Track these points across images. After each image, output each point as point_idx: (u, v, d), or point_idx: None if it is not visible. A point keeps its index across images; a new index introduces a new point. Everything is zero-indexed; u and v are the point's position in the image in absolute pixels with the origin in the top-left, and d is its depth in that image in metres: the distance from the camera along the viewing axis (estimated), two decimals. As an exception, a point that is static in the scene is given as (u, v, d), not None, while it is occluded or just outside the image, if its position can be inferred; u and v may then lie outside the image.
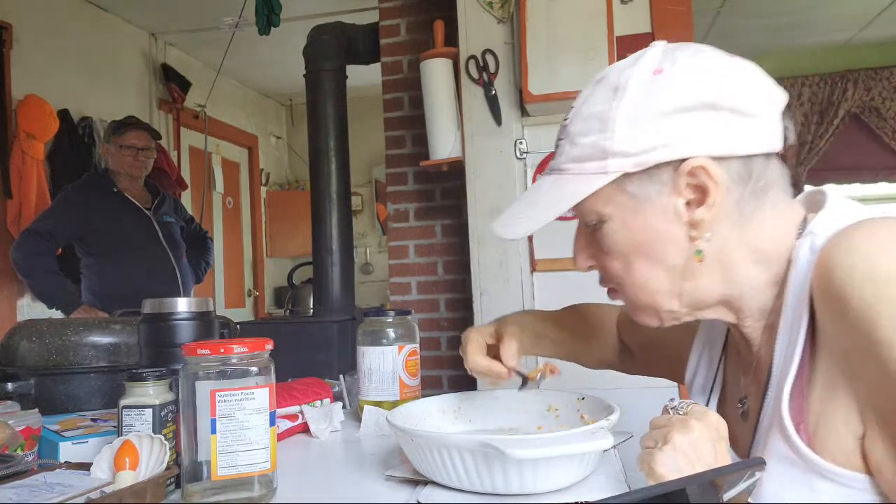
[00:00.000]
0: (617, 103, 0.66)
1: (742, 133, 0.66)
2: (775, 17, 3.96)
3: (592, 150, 0.68)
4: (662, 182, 0.66)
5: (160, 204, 2.91)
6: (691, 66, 0.66)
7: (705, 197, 0.65)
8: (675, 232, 0.67)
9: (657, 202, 0.67)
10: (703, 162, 0.64)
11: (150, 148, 2.84)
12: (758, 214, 0.68)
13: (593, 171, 0.68)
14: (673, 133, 0.65)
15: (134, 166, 2.79)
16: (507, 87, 2.10)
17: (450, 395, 0.98)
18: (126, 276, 2.69)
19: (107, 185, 2.78)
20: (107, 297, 2.67)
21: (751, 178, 0.67)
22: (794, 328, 0.65)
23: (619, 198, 0.68)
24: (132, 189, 2.84)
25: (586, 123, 0.69)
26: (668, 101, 0.65)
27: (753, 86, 0.67)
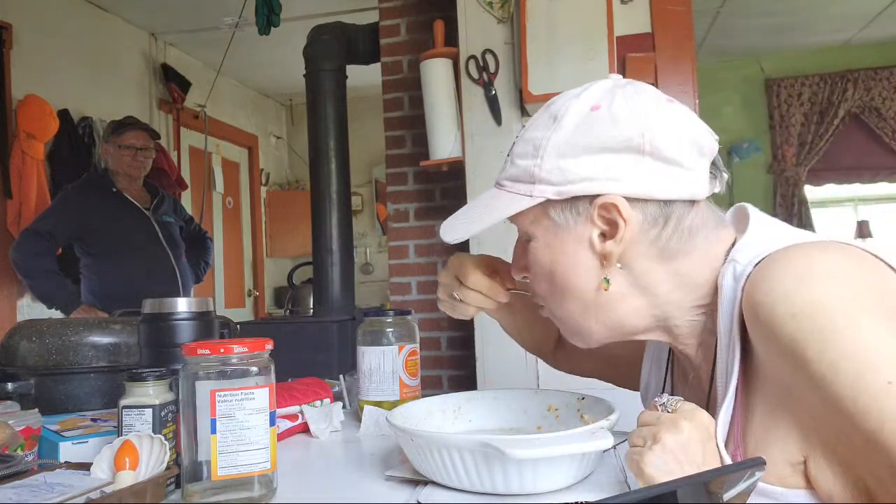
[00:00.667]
0: (551, 133, 0.70)
1: (663, 179, 0.68)
2: (775, 17, 3.96)
3: (523, 173, 0.72)
4: (580, 212, 0.70)
5: (159, 204, 2.91)
6: (626, 108, 0.69)
7: (616, 232, 0.69)
8: (586, 259, 0.71)
9: (574, 230, 0.71)
10: (615, 200, 0.68)
11: (148, 148, 2.84)
12: (689, 251, 0.71)
13: (522, 192, 0.73)
14: (594, 170, 0.68)
15: (133, 166, 2.79)
16: (507, 87, 2.10)
17: (450, 395, 0.98)
18: (126, 276, 2.69)
19: (106, 185, 2.78)
20: (106, 297, 2.67)
21: (668, 221, 0.70)
22: (729, 356, 0.67)
23: (544, 220, 0.73)
24: (131, 189, 2.84)
25: (524, 147, 0.73)
26: (596, 139, 0.68)
27: (683, 136, 0.69)
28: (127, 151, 2.77)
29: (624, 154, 0.68)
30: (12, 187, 2.96)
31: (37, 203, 3.00)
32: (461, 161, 2.17)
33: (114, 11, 3.74)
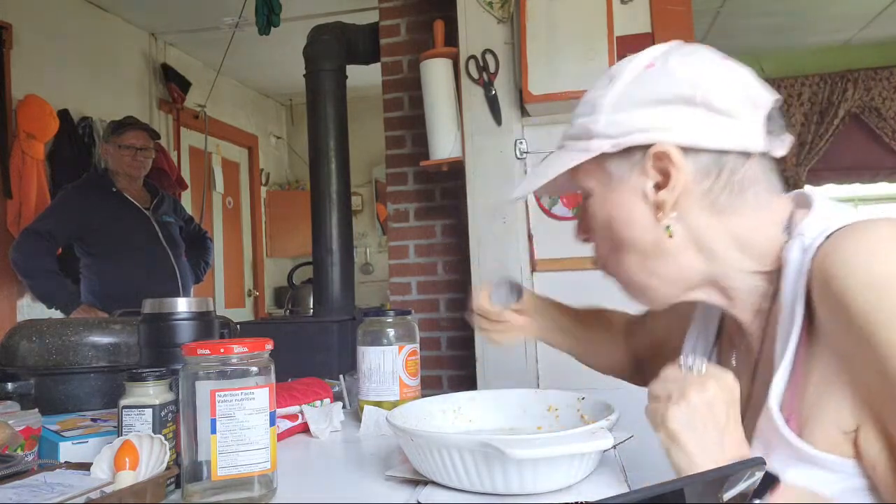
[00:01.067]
0: (606, 91, 0.74)
1: (715, 129, 0.70)
2: (775, 17, 3.96)
3: (581, 130, 0.76)
4: (634, 164, 0.72)
5: (159, 204, 2.91)
6: (680, 64, 0.72)
7: (668, 181, 0.70)
8: (641, 211, 0.73)
9: (628, 182, 0.73)
10: (667, 148, 0.70)
11: (148, 148, 2.84)
12: (737, 207, 0.72)
13: (580, 148, 0.76)
14: (647, 121, 0.71)
15: (133, 166, 2.80)
16: (507, 87, 2.10)
17: (450, 395, 0.98)
18: (126, 276, 2.69)
19: (106, 184, 2.78)
20: (106, 297, 2.67)
21: (721, 172, 0.71)
22: (790, 324, 0.67)
23: (601, 175, 0.75)
24: (131, 189, 2.84)
25: (583, 108, 0.77)
26: (649, 93, 0.71)
27: (736, 88, 0.71)
28: (127, 151, 2.78)
29: (676, 105, 0.70)
30: (12, 187, 2.96)
31: (37, 203, 3.00)
32: (461, 161, 2.17)
33: (114, 11, 3.74)
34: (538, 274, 2.08)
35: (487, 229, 2.09)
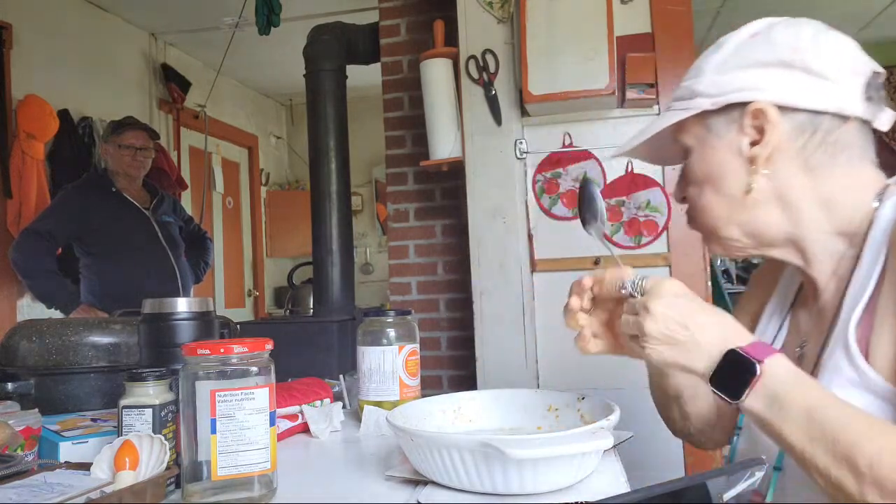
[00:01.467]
0: (712, 56, 0.80)
1: (811, 91, 0.74)
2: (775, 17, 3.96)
3: (685, 91, 0.82)
4: (732, 121, 0.78)
5: (159, 204, 2.91)
6: (782, 33, 0.78)
7: (763, 137, 0.76)
8: (735, 165, 0.78)
9: (726, 138, 0.79)
10: (764, 106, 0.75)
11: (148, 148, 2.85)
12: (829, 168, 0.76)
13: (682, 107, 0.81)
14: (747, 81, 0.76)
15: (132, 166, 2.80)
16: (507, 87, 2.10)
17: (450, 395, 0.98)
18: (125, 276, 2.69)
19: (105, 185, 2.78)
20: (106, 297, 2.67)
21: (816, 132, 0.75)
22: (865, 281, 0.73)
23: (700, 132, 0.81)
24: (131, 189, 2.84)
25: (690, 72, 0.83)
26: (751, 57, 0.77)
27: (836, 53, 0.76)
28: (126, 151, 2.78)
29: (775, 68, 0.76)
30: (12, 187, 2.96)
31: (37, 203, 3.00)
32: (461, 161, 2.17)
33: (114, 11, 3.74)
34: (538, 274, 2.08)
35: (487, 229, 2.09)
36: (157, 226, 2.85)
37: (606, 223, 0.99)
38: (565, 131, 2.07)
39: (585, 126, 2.06)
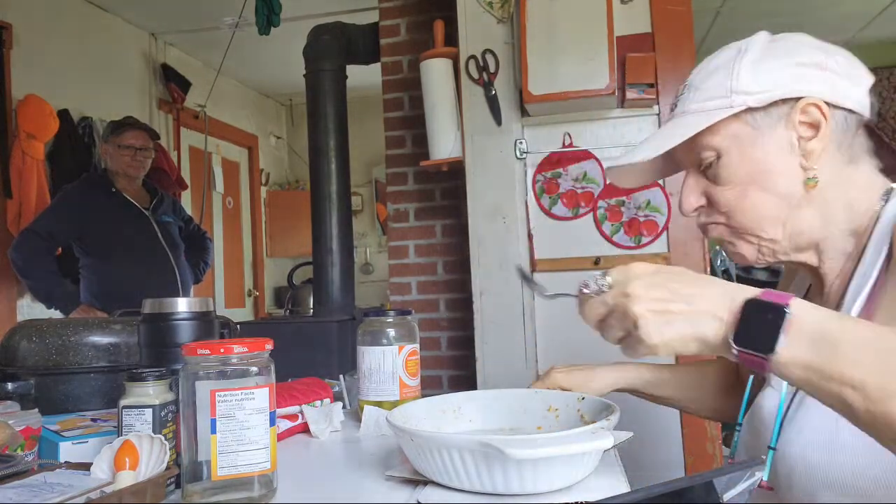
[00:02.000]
0: (742, 56, 0.78)
1: (844, 92, 0.76)
2: (775, 17, 3.96)
3: (717, 89, 0.78)
4: (780, 117, 0.77)
5: (158, 204, 2.91)
6: (799, 39, 0.79)
7: (817, 131, 0.76)
8: (788, 162, 0.77)
9: (774, 134, 0.77)
10: (816, 100, 0.75)
11: (148, 148, 2.85)
12: (854, 167, 0.78)
13: (717, 106, 0.78)
14: (791, 79, 0.76)
15: (132, 166, 2.80)
16: (507, 87, 2.10)
17: (450, 395, 0.98)
18: (125, 276, 2.69)
19: (105, 185, 2.78)
20: (106, 297, 2.67)
21: (849, 129, 0.77)
22: (868, 271, 0.74)
23: (740, 130, 0.78)
24: (131, 189, 2.84)
25: (711, 73, 0.80)
26: (787, 55, 0.77)
27: (851, 61, 0.79)
28: (126, 151, 2.78)
29: (812, 68, 0.76)
30: (12, 187, 2.96)
31: (37, 203, 3.00)
32: (461, 161, 2.17)
33: (114, 11, 3.74)
34: (538, 274, 2.08)
35: (487, 229, 2.09)
36: (156, 226, 2.85)
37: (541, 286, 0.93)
38: (565, 131, 2.07)
39: (585, 126, 2.06)
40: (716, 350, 0.59)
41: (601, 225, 2.04)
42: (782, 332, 0.55)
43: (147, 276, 2.74)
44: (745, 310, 0.57)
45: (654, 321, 0.59)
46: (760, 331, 0.56)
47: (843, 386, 0.54)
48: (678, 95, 0.85)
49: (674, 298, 0.59)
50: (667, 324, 0.59)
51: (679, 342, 0.59)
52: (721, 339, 0.58)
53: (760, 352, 0.56)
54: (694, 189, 0.84)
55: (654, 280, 0.60)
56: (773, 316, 0.55)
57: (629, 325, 0.60)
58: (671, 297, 0.59)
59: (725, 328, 0.58)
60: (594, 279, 0.64)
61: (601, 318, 0.63)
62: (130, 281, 2.66)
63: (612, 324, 0.63)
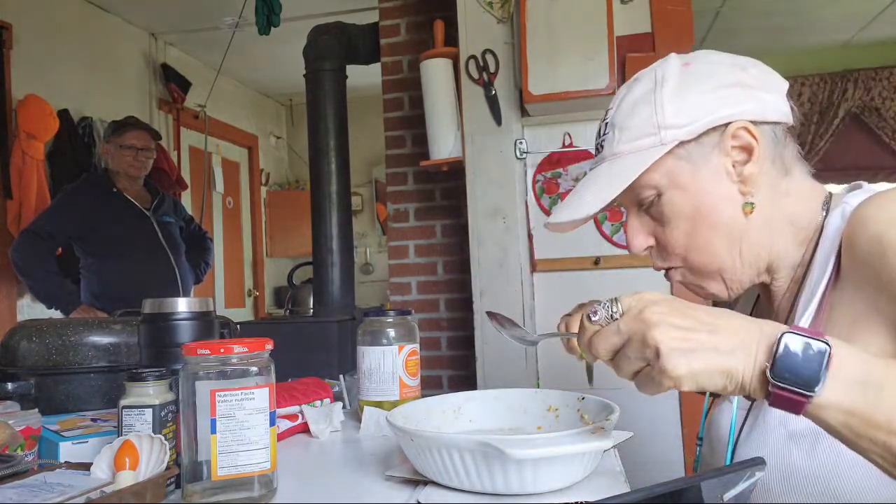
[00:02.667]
0: (660, 87, 0.76)
1: (768, 105, 0.75)
2: (775, 17, 3.96)
3: (645, 127, 0.75)
4: (712, 146, 0.75)
5: (160, 204, 2.91)
6: (712, 59, 0.78)
7: (750, 155, 0.74)
8: (728, 190, 0.75)
9: (710, 165, 0.75)
10: (744, 124, 0.74)
11: (149, 148, 2.85)
12: (789, 178, 0.77)
13: (649, 145, 0.75)
14: (715, 104, 0.74)
15: (133, 166, 2.79)
16: (507, 87, 2.10)
17: (450, 395, 0.98)
18: (125, 277, 2.69)
19: (106, 185, 2.78)
20: (106, 298, 2.67)
21: (778, 142, 0.76)
22: (818, 281, 0.73)
23: (676, 166, 0.76)
24: (132, 189, 2.84)
25: (633, 109, 0.77)
26: (707, 80, 0.75)
27: (765, 71, 0.78)
28: (128, 151, 2.77)
29: (734, 88, 0.75)
30: (12, 187, 2.96)
31: (37, 203, 3.00)
32: (461, 161, 2.17)
33: (114, 11, 3.74)
34: (538, 274, 2.08)
35: (487, 229, 2.09)
36: (157, 226, 2.84)
37: (522, 331, 0.90)
38: (565, 131, 2.07)
39: (585, 126, 2.06)
40: (743, 386, 0.54)
41: (601, 225, 2.04)
42: (824, 368, 0.51)
43: (148, 277, 2.73)
44: (783, 344, 0.52)
45: (679, 353, 0.53)
46: (801, 368, 0.51)
47: (891, 435, 0.50)
48: (601, 136, 0.81)
49: (697, 327, 0.54)
50: (692, 353, 0.53)
51: (706, 375, 0.53)
52: (752, 375, 0.53)
53: (802, 390, 0.51)
54: (640, 230, 0.81)
55: (674, 306, 0.56)
56: (815, 353, 0.51)
57: (649, 354, 0.55)
58: (695, 324, 0.54)
59: (758, 363, 0.53)
60: (603, 306, 0.59)
61: (616, 348, 0.58)
62: (131, 281, 2.66)
63: (627, 354, 0.57)
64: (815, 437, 0.68)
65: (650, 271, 0.84)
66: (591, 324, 0.60)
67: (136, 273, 2.70)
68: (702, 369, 0.53)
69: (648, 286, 1.90)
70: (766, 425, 0.73)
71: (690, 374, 0.53)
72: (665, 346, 0.53)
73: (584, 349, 0.61)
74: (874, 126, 4.59)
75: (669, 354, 0.53)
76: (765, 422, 0.74)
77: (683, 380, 0.53)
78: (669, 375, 0.53)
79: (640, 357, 0.56)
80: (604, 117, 0.82)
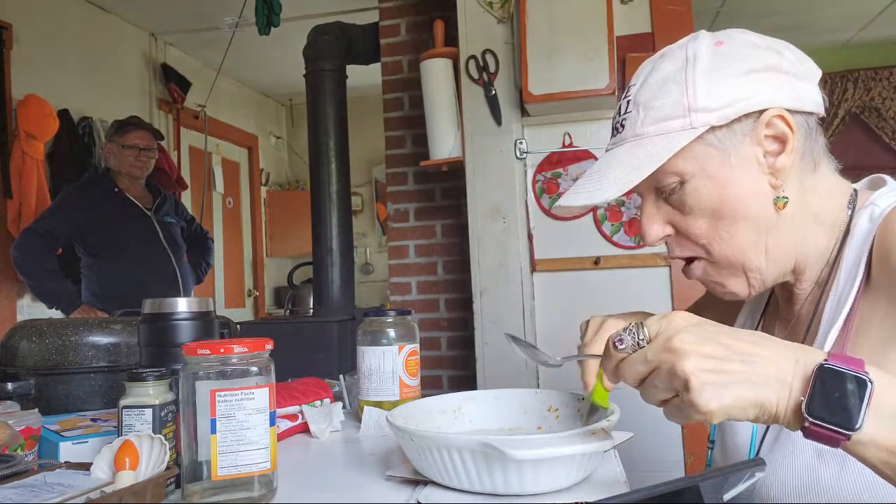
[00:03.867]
0: (692, 66, 0.70)
1: (801, 93, 0.71)
2: (775, 17, 3.96)
3: (673, 108, 0.70)
4: (744, 133, 0.70)
5: (161, 204, 2.91)
6: (746, 40, 0.72)
7: (784, 146, 0.70)
8: (758, 181, 0.70)
9: (740, 153, 0.70)
10: (780, 112, 0.69)
11: (152, 148, 2.85)
12: (816, 172, 0.73)
13: (678, 128, 0.70)
14: (749, 89, 0.69)
15: (135, 166, 2.80)
16: (507, 87, 2.10)
17: (450, 395, 0.98)
18: (126, 277, 2.70)
19: (107, 184, 2.78)
20: (107, 298, 2.68)
21: (811, 133, 0.72)
22: (847, 288, 0.69)
23: (704, 152, 0.70)
24: (133, 189, 2.84)
25: (661, 88, 0.71)
26: (740, 63, 0.70)
27: (801, 55, 0.73)
28: (130, 151, 2.78)
29: (768, 73, 0.69)
30: (12, 187, 2.96)
31: (37, 203, 3.00)
32: (461, 161, 2.17)
33: (114, 11, 3.74)
34: (538, 274, 2.08)
35: (487, 229, 2.09)
36: (158, 226, 2.84)
37: (535, 348, 0.86)
38: (565, 131, 2.08)
39: (585, 126, 2.06)
40: (776, 417, 0.52)
41: (601, 225, 2.04)
42: (865, 405, 0.49)
43: (148, 277, 2.74)
44: (819, 377, 0.50)
45: (710, 385, 0.51)
46: (839, 403, 0.49)
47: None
48: (622, 114, 0.75)
49: (729, 356, 0.52)
50: (724, 386, 0.51)
51: (738, 409, 0.51)
52: (787, 408, 0.51)
53: (841, 427, 0.49)
54: (656, 217, 0.76)
55: (704, 334, 0.53)
56: (854, 387, 0.49)
57: (678, 385, 0.52)
58: (726, 353, 0.52)
59: (793, 396, 0.51)
60: (629, 332, 0.56)
61: (643, 377, 0.56)
62: (131, 282, 2.67)
63: (655, 384, 0.55)
64: (844, 457, 0.65)
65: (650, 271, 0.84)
66: (617, 351, 0.58)
67: (137, 273, 2.71)
68: (733, 403, 0.51)
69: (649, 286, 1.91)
70: (792, 442, 0.70)
71: (721, 409, 0.51)
72: (696, 379, 0.51)
73: (610, 376, 0.60)
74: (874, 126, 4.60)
75: (701, 389, 0.51)
76: (790, 438, 0.71)
77: (715, 415, 0.51)
78: (700, 410, 0.51)
79: (669, 387, 0.54)
80: (625, 94, 0.76)
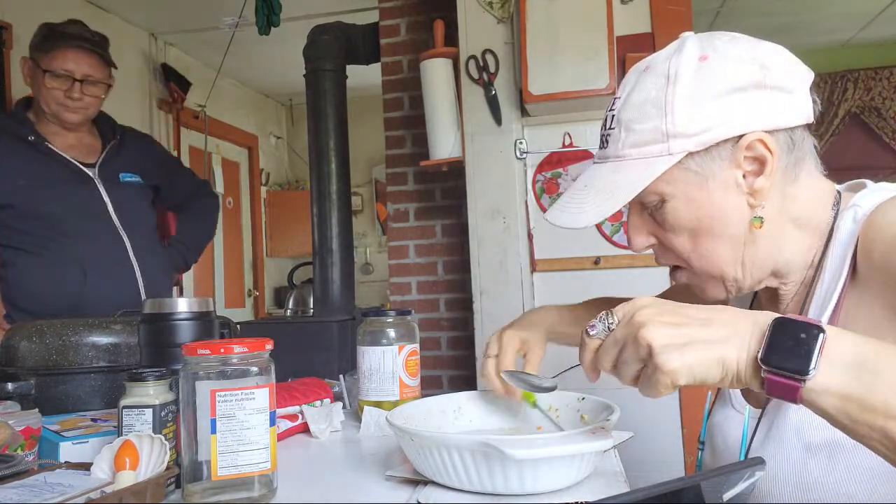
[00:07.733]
0: (672, 88, 0.70)
1: (786, 107, 0.71)
2: (775, 17, 3.96)
3: (653, 134, 0.71)
4: (722, 158, 0.71)
5: (112, 155, 1.90)
6: (734, 50, 0.71)
7: (763, 167, 0.70)
8: (736, 202, 0.72)
9: (719, 177, 0.71)
10: (760, 136, 0.69)
11: (96, 80, 1.84)
12: (797, 181, 0.74)
13: (657, 153, 0.71)
14: (729, 112, 0.69)
15: (66, 107, 1.79)
16: (507, 87, 2.10)
17: (450, 395, 0.98)
18: (46, 276, 1.76)
19: (21, 130, 1.78)
20: (23, 310, 1.76)
21: (794, 147, 0.72)
22: (832, 285, 0.70)
23: (682, 176, 0.72)
24: (63, 137, 1.85)
25: (641, 110, 0.72)
26: (722, 83, 0.69)
27: (789, 64, 0.72)
28: (56, 82, 1.75)
29: (751, 91, 0.69)
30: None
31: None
32: (461, 161, 2.17)
33: (114, 11, 3.74)
34: (538, 274, 2.08)
35: (487, 229, 2.09)
36: (105, 191, 1.85)
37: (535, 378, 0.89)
38: (565, 131, 2.08)
39: (585, 126, 2.06)
40: (740, 376, 0.54)
41: (601, 225, 2.04)
42: (817, 352, 0.50)
43: (85, 275, 1.77)
44: (774, 329, 0.52)
45: (673, 348, 0.54)
46: (793, 351, 0.51)
47: (888, 419, 0.49)
48: (606, 128, 0.78)
49: (688, 322, 0.55)
50: (684, 346, 0.54)
51: (701, 367, 0.54)
52: (746, 361, 0.53)
53: (794, 373, 0.51)
54: (640, 228, 0.79)
55: (664, 307, 0.57)
56: (807, 336, 0.51)
57: (643, 353, 0.56)
58: (685, 320, 0.55)
59: (751, 352, 0.53)
60: (600, 319, 0.61)
61: (616, 357, 0.59)
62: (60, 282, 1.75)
63: (625, 359, 0.58)
64: (832, 450, 0.67)
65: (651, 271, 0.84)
66: (591, 338, 0.61)
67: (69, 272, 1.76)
68: (695, 361, 0.54)
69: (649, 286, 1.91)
70: (780, 437, 0.72)
71: (685, 366, 0.54)
72: (657, 342, 0.54)
73: (588, 367, 0.63)
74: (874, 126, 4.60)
75: (662, 350, 0.54)
76: (779, 434, 0.72)
77: (678, 373, 0.54)
78: (664, 371, 0.54)
79: (636, 359, 0.57)
80: (610, 105, 0.78)
